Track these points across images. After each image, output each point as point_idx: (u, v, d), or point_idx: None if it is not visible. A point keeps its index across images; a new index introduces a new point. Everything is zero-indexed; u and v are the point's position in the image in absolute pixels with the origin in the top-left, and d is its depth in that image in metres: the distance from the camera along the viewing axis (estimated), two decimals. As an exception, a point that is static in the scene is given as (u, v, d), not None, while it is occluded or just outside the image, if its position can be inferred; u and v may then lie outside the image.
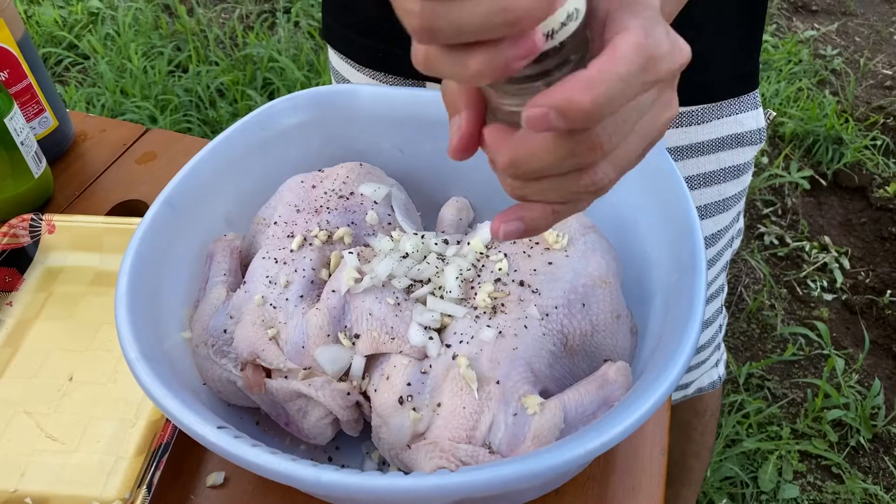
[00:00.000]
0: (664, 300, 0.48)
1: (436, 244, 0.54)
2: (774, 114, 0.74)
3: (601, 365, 0.47)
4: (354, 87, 0.62)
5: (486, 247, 0.52)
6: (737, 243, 0.82)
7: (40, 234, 0.68)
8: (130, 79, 2.12)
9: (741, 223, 0.81)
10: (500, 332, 0.46)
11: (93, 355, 0.60)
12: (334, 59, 0.80)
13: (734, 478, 1.37)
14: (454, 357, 0.45)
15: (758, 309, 1.66)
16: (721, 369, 0.92)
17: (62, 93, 2.16)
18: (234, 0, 2.57)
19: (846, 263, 1.75)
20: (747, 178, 0.73)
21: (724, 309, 0.86)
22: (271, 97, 2.13)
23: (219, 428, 0.40)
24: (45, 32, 2.38)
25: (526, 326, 0.46)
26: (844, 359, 1.55)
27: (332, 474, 0.37)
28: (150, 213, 0.52)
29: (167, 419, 0.53)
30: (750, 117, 0.69)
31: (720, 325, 0.86)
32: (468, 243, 0.53)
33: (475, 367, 0.45)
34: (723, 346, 0.91)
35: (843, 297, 1.69)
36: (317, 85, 2.11)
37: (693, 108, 0.66)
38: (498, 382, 0.44)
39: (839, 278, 1.71)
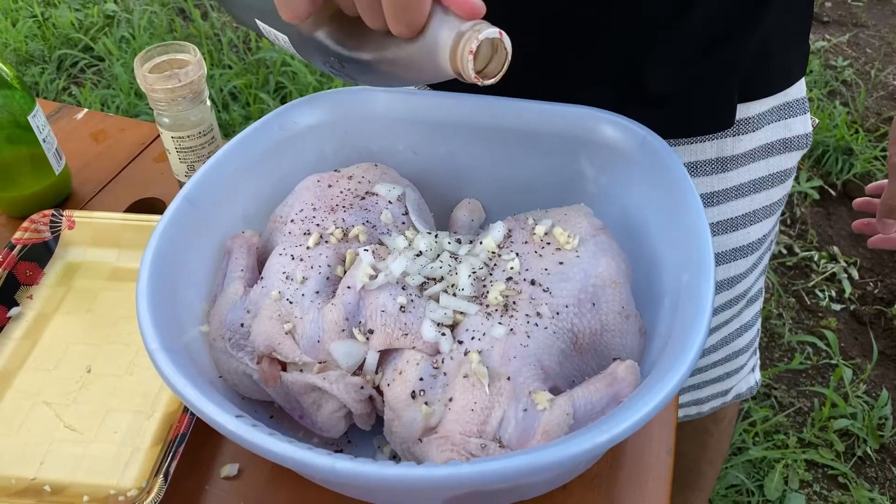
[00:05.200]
0: (673, 300, 0.49)
1: (449, 243, 0.55)
2: (817, 121, 0.76)
3: (610, 363, 0.48)
4: (370, 89, 0.63)
5: (499, 246, 0.53)
6: (773, 246, 0.83)
7: (60, 230, 0.69)
8: (144, 81, 2.14)
9: (778, 226, 0.81)
10: (512, 330, 0.47)
11: (110, 348, 0.62)
12: None
13: (740, 486, 1.37)
14: (466, 353, 0.46)
15: (766, 317, 1.66)
16: (757, 374, 0.91)
17: (77, 94, 2.18)
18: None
19: (855, 273, 1.76)
20: (791, 182, 0.74)
21: (760, 314, 0.87)
22: (283, 101, 2.15)
23: (237, 417, 0.41)
24: (62, 34, 2.41)
25: (537, 324, 0.47)
26: (852, 369, 1.55)
27: (348, 463, 0.38)
28: (170, 210, 0.53)
29: (183, 411, 0.54)
30: (798, 122, 0.70)
31: (757, 330, 0.87)
32: (480, 243, 0.54)
33: (486, 363, 0.46)
34: (758, 351, 0.91)
35: (852, 307, 1.69)
36: (329, 89, 2.13)
37: (749, 116, 0.67)
38: (509, 378, 0.45)
39: (848, 288, 1.72)
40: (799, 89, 0.69)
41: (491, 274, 0.51)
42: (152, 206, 0.76)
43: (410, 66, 0.41)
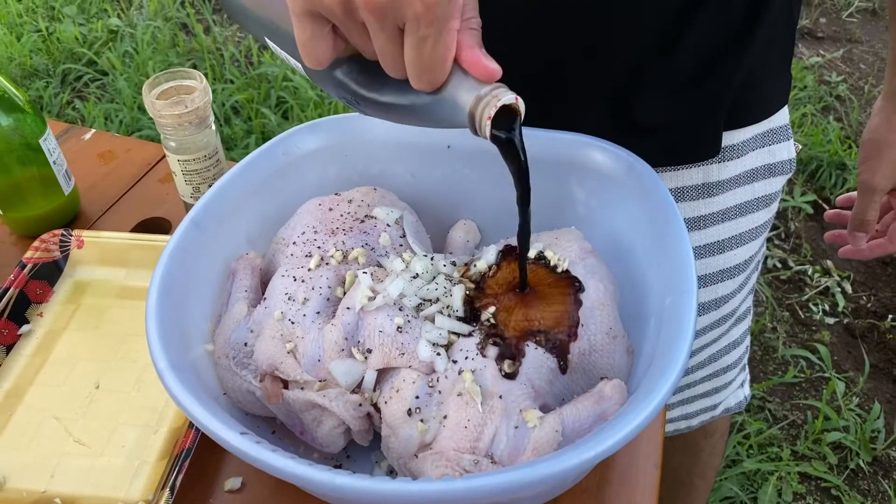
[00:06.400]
0: (658, 322, 0.51)
1: (444, 266, 0.57)
2: (801, 146, 0.79)
3: (598, 382, 0.50)
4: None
5: (491, 268, 0.55)
6: (760, 265, 0.85)
7: (70, 249, 0.71)
8: (148, 96, 2.17)
9: (765, 246, 0.84)
10: (504, 350, 0.49)
11: (118, 365, 0.64)
12: None
13: (734, 498, 1.38)
14: (460, 372, 0.48)
15: (760, 331, 1.68)
16: (746, 389, 0.94)
17: (81, 108, 2.21)
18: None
19: (848, 288, 1.78)
20: (776, 206, 0.77)
21: (749, 332, 0.89)
22: (285, 115, 2.18)
23: (241, 434, 0.43)
24: (66, 49, 2.44)
25: (528, 345, 0.49)
26: (845, 382, 1.57)
27: (346, 478, 0.40)
28: (177, 233, 0.55)
29: (189, 426, 0.56)
30: (782, 148, 0.73)
31: (746, 346, 0.89)
32: (475, 265, 0.56)
33: (480, 382, 0.48)
34: (747, 367, 0.94)
35: (845, 320, 1.71)
36: (329, 104, 2.15)
37: (734, 143, 0.69)
38: (500, 397, 0.47)
39: (841, 302, 1.74)
40: (782, 117, 0.72)
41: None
42: (158, 225, 0.78)
43: (426, 115, 0.43)
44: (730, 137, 0.68)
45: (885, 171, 0.70)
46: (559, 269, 0.53)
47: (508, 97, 0.41)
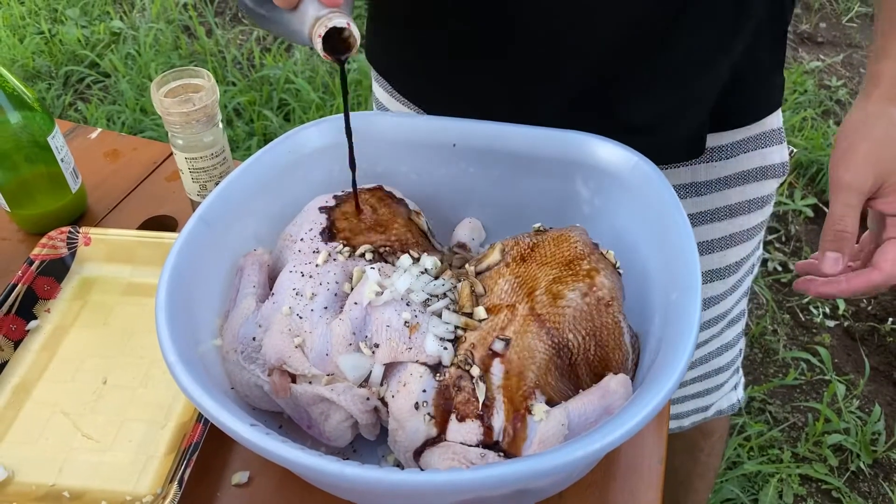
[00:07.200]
0: (662, 317, 0.52)
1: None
2: (795, 150, 0.79)
3: (603, 377, 0.50)
4: (375, 114, 0.66)
5: (497, 265, 0.56)
6: (756, 269, 0.85)
7: (77, 246, 0.72)
8: (150, 97, 2.18)
9: (761, 250, 0.83)
10: (510, 345, 0.49)
11: (125, 361, 0.64)
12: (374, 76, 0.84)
13: (735, 499, 1.39)
14: (467, 367, 0.49)
15: (760, 334, 1.68)
16: (740, 392, 0.94)
17: (83, 110, 2.22)
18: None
19: (848, 290, 1.78)
20: (769, 209, 0.77)
21: (743, 335, 0.89)
22: (287, 117, 2.18)
23: (251, 426, 0.43)
24: (68, 51, 2.45)
25: (534, 340, 0.50)
26: (845, 384, 1.57)
27: (356, 468, 0.40)
28: (186, 230, 0.56)
29: (196, 421, 0.57)
30: (774, 151, 0.73)
31: (740, 350, 0.89)
32: (480, 262, 0.57)
33: (486, 376, 0.48)
34: (741, 370, 0.94)
35: (845, 323, 1.71)
36: (332, 106, 2.16)
37: (722, 144, 0.69)
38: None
39: (841, 305, 1.74)
40: (775, 120, 0.72)
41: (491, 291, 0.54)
42: (164, 223, 0.79)
43: (288, 29, 0.50)
44: (718, 139, 0.68)
45: (858, 166, 0.57)
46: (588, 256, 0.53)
47: (340, 21, 0.47)
